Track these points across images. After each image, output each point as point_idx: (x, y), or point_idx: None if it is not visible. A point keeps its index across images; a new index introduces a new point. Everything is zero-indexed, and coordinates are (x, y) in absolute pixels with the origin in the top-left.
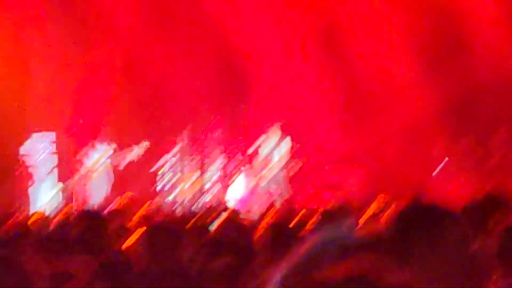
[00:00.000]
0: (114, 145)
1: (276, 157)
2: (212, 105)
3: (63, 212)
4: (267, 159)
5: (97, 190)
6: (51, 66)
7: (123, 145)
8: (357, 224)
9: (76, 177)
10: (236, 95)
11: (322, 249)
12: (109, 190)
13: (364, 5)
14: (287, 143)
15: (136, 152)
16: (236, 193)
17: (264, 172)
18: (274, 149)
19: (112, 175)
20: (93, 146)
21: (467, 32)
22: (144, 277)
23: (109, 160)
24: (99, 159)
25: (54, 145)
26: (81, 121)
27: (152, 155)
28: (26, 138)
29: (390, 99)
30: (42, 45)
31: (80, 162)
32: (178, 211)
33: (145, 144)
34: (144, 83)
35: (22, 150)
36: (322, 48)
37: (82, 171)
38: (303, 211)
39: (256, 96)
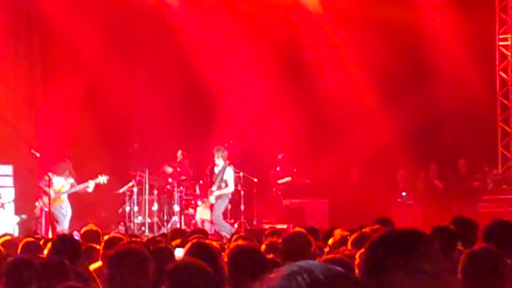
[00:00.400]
0: (71, 180)
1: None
2: (175, 134)
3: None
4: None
5: (58, 219)
6: (12, 98)
7: (85, 175)
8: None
9: (36, 209)
10: (200, 125)
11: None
12: (68, 221)
13: (328, 35)
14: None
15: (99, 180)
16: (202, 215)
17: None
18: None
19: (69, 207)
20: (50, 179)
21: (430, 60)
22: None
23: (68, 190)
24: (59, 190)
25: (11, 178)
26: (37, 154)
27: (117, 181)
28: None
29: (353, 127)
30: (3, 76)
31: (39, 194)
32: (145, 234)
33: (105, 177)
34: (107, 113)
35: None
36: (285, 77)
37: (41, 203)
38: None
39: (220, 125)
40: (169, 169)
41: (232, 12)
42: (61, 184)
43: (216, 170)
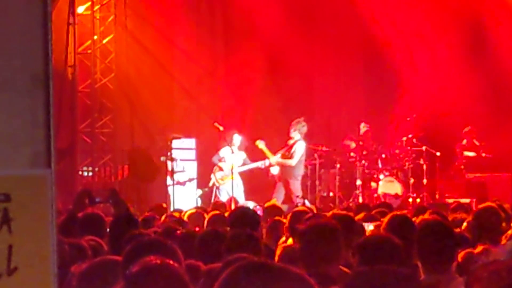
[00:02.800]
0: (244, 155)
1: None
2: (357, 107)
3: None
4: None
5: (236, 193)
6: (195, 71)
7: (267, 146)
8: None
9: (215, 181)
10: (383, 97)
11: None
12: (243, 194)
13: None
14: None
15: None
16: (385, 189)
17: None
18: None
19: (241, 184)
20: (232, 151)
21: None
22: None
23: (241, 167)
24: (232, 166)
25: (194, 151)
26: (221, 127)
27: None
28: (172, 142)
29: None
30: (186, 49)
31: (219, 167)
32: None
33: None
34: (287, 85)
35: (168, 153)
36: (469, 48)
37: (221, 175)
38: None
39: (403, 98)
40: (352, 143)
41: None
42: (235, 160)
43: (290, 142)
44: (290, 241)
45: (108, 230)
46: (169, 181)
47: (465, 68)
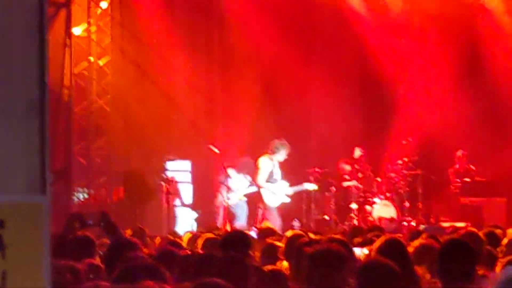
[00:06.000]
0: (249, 178)
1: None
2: (352, 130)
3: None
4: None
5: (237, 215)
6: (191, 93)
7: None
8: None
9: (218, 203)
10: (378, 121)
11: None
12: (246, 218)
13: (507, 29)
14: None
15: (306, 187)
16: (380, 212)
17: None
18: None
19: (245, 206)
20: (228, 176)
21: None
22: None
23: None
24: (238, 187)
25: (190, 174)
26: (216, 150)
27: (293, 178)
28: (166, 164)
29: None
30: (182, 71)
31: (217, 189)
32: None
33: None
34: (284, 107)
35: (163, 175)
36: (462, 72)
37: (220, 198)
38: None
39: (398, 121)
40: (347, 166)
41: (410, 6)
42: (241, 181)
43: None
44: (284, 264)
45: (105, 253)
46: (177, 202)
47: (460, 92)
